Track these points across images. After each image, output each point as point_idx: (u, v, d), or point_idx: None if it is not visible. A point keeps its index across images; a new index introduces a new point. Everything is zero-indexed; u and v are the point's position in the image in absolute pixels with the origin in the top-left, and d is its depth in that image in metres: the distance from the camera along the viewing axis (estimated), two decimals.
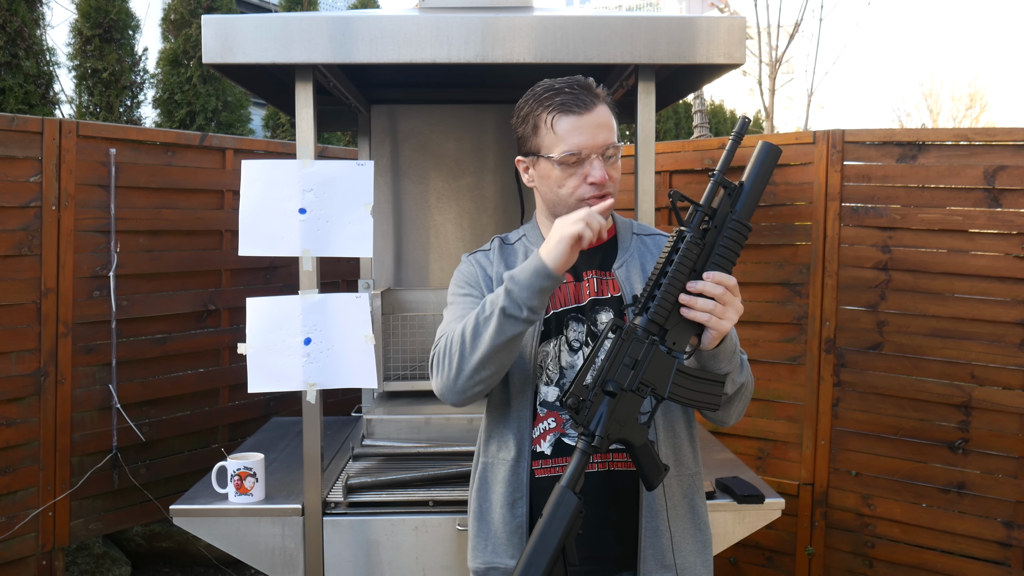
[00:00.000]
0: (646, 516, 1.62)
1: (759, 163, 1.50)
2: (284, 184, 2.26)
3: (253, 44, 2.21)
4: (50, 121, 3.09)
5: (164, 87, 5.17)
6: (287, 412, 3.95)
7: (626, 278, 1.67)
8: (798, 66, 10.87)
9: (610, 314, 1.65)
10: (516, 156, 1.70)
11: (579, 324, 1.66)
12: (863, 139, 3.25)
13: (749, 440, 3.52)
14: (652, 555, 1.61)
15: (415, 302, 3.24)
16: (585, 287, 1.68)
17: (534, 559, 1.40)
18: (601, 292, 1.67)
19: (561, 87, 1.60)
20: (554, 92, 1.60)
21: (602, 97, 1.62)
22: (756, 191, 1.50)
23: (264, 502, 2.38)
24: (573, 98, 1.58)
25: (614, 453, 1.62)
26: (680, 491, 1.65)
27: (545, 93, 1.61)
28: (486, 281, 1.71)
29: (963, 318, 3.07)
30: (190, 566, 3.97)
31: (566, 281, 1.68)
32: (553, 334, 1.65)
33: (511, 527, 1.63)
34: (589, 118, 1.58)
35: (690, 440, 1.71)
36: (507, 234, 1.81)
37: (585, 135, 1.57)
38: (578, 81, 1.62)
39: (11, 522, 3.02)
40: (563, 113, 1.58)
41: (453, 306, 1.71)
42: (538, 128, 1.61)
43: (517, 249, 1.75)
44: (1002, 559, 3.01)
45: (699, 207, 1.46)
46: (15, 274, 3.03)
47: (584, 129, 1.57)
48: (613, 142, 1.60)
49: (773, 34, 8.15)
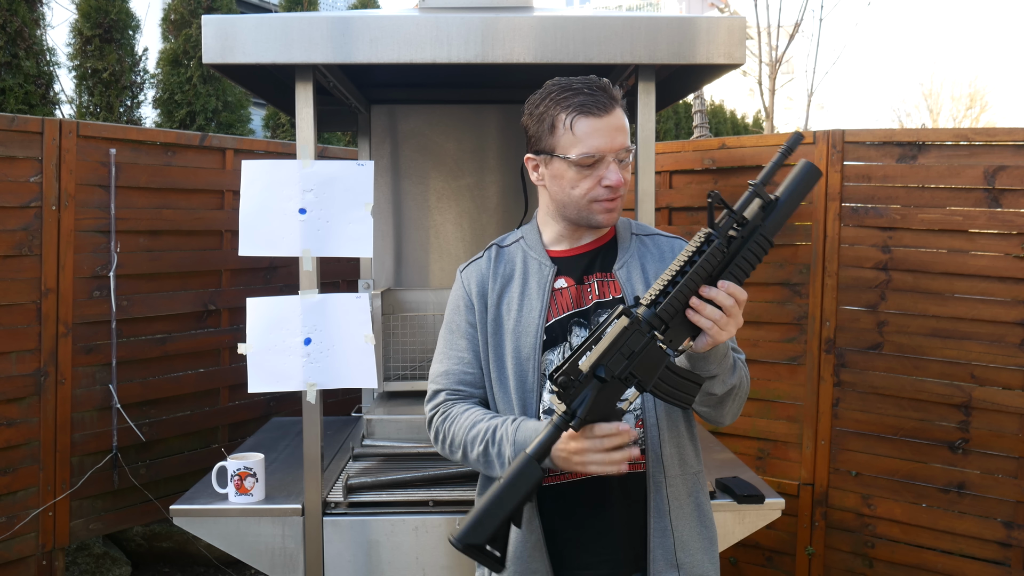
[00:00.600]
0: (654, 516, 1.62)
1: (797, 182, 1.49)
2: (284, 184, 2.26)
3: (253, 44, 2.21)
4: (50, 121, 3.09)
5: (164, 87, 5.17)
6: (287, 412, 3.95)
7: (627, 279, 1.67)
8: (798, 66, 10.87)
9: None
10: (525, 154, 1.69)
11: (583, 329, 1.65)
12: (863, 139, 3.25)
13: (749, 440, 3.52)
14: (661, 555, 1.61)
15: (415, 302, 3.24)
16: (587, 291, 1.67)
17: (484, 520, 1.43)
18: (603, 295, 1.66)
19: (580, 87, 1.58)
20: (573, 92, 1.58)
21: (618, 99, 1.61)
22: (789, 209, 1.49)
23: (264, 502, 2.38)
24: (593, 99, 1.56)
25: None
26: (685, 490, 1.66)
27: (564, 93, 1.59)
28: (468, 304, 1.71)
29: (963, 318, 3.07)
30: (190, 566, 3.97)
31: (567, 286, 1.67)
32: (557, 341, 1.64)
33: (531, 543, 1.62)
34: (608, 120, 1.57)
35: (691, 439, 1.71)
36: (504, 236, 1.80)
37: (604, 138, 1.56)
38: (596, 82, 1.60)
39: (11, 522, 3.02)
40: (583, 114, 1.56)
41: (442, 338, 1.76)
42: (555, 128, 1.59)
43: (513, 252, 1.74)
44: (1002, 559, 3.01)
45: (733, 213, 1.46)
46: (15, 274, 3.03)
47: (603, 132, 1.56)
48: (628, 145, 1.60)
49: (773, 34, 8.15)
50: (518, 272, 1.70)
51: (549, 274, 1.67)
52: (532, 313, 1.65)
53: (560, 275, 1.68)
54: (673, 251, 1.73)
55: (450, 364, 1.71)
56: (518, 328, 1.65)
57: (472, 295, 1.71)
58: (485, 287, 1.71)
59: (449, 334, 1.74)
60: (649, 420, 1.62)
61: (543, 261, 1.69)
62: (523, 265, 1.70)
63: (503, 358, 1.65)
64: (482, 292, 1.70)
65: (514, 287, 1.69)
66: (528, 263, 1.70)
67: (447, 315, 1.76)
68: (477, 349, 1.70)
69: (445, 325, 1.76)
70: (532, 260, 1.70)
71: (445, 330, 1.76)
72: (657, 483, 1.62)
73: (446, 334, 1.75)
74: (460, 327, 1.72)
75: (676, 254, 1.71)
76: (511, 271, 1.71)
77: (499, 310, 1.68)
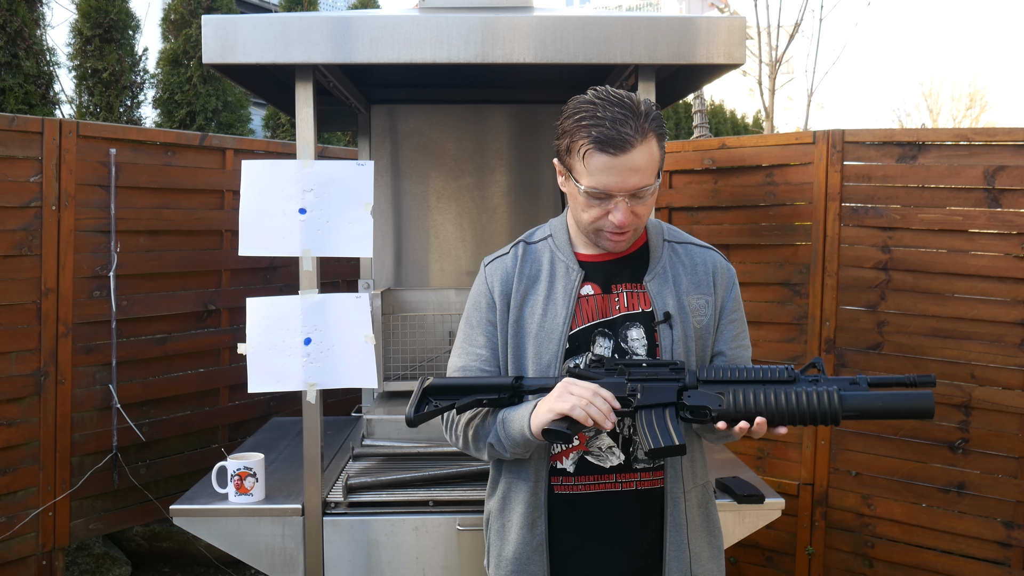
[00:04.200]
0: (671, 531, 1.62)
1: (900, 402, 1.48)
2: (284, 184, 2.26)
3: (253, 44, 2.21)
4: (50, 121, 3.09)
5: (164, 87, 5.16)
6: (287, 412, 3.95)
7: (657, 292, 1.62)
8: (798, 66, 10.85)
9: (640, 330, 1.60)
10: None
11: (606, 340, 1.61)
12: (863, 139, 3.24)
13: (749, 440, 3.52)
14: (676, 567, 1.62)
15: (415, 302, 3.24)
16: (615, 300, 1.62)
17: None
18: (632, 307, 1.62)
19: (604, 119, 1.46)
20: (596, 122, 1.47)
21: (648, 131, 1.49)
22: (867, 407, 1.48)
23: (264, 502, 2.38)
24: (612, 135, 1.46)
25: (641, 472, 1.62)
26: (696, 501, 1.67)
27: (585, 118, 1.49)
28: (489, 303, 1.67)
29: (963, 318, 3.07)
30: (190, 566, 3.97)
31: (593, 293, 1.63)
32: (580, 350, 1.61)
33: (531, 546, 1.63)
34: (624, 160, 1.47)
35: (700, 450, 1.72)
36: (532, 231, 1.74)
37: (615, 177, 1.48)
38: (624, 110, 1.48)
39: (11, 522, 3.02)
40: (596, 150, 1.47)
41: (461, 331, 1.73)
42: (572, 152, 1.52)
43: (540, 250, 1.69)
44: (1002, 559, 3.01)
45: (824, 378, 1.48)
46: (15, 274, 3.03)
47: (615, 171, 1.48)
48: (646, 184, 1.50)
49: (773, 34, 8.13)
50: (544, 274, 1.65)
51: (576, 279, 1.62)
52: (556, 320, 1.60)
53: (587, 281, 1.63)
54: (706, 264, 1.67)
55: (468, 360, 1.68)
56: (540, 333, 1.61)
57: (495, 293, 1.66)
58: (509, 287, 1.66)
59: (469, 328, 1.70)
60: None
61: (571, 265, 1.64)
62: (550, 267, 1.65)
63: (523, 361, 1.62)
64: (505, 292, 1.66)
65: (539, 290, 1.64)
66: (555, 265, 1.65)
67: (468, 307, 1.72)
68: (495, 347, 1.66)
69: (465, 318, 1.72)
70: (560, 263, 1.65)
71: (465, 324, 1.72)
72: (675, 498, 1.62)
73: (466, 328, 1.71)
74: (480, 323, 1.68)
75: (709, 268, 1.67)
76: (537, 271, 1.66)
77: (522, 312, 1.64)
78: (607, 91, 1.52)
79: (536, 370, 1.60)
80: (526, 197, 3.38)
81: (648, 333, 1.60)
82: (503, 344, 1.65)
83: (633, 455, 1.61)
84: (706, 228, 3.56)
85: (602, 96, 1.51)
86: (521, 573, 1.63)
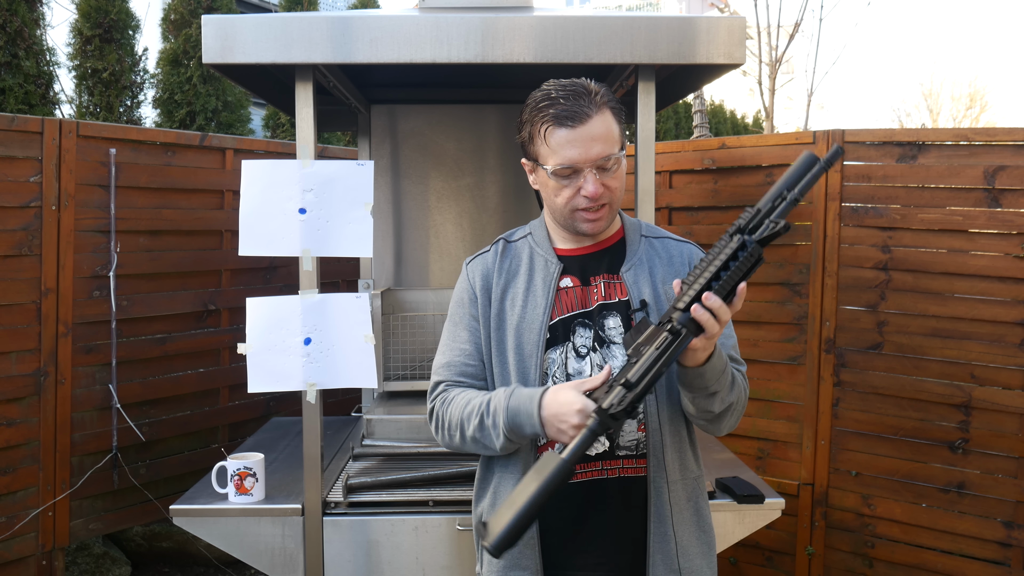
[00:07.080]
0: (654, 522, 1.62)
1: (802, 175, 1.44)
2: (284, 184, 2.26)
3: (253, 44, 2.21)
4: (50, 121, 3.09)
5: (164, 87, 5.16)
6: (287, 412, 3.95)
7: (634, 282, 1.65)
8: (798, 66, 10.85)
9: (617, 319, 1.63)
10: (520, 157, 1.69)
11: (586, 330, 1.64)
12: (863, 139, 3.24)
13: (749, 440, 3.52)
14: (661, 560, 1.61)
15: (415, 302, 3.24)
16: (593, 291, 1.66)
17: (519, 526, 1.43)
18: (609, 296, 1.65)
19: (556, 96, 1.55)
20: (549, 102, 1.55)
21: (602, 103, 1.55)
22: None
23: (264, 502, 2.38)
24: (567, 109, 1.53)
25: (624, 459, 1.62)
26: (685, 495, 1.65)
27: (541, 102, 1.56)
28: (471, 298, 1.70)
29: (963, 318, 3.07)
30: (190, 566, 3.97)
31: (572, 285, 1.66)
32: (560, 340, 1.64)
33: (523, 539, 1.62)
34: (583, 131, 1.53)
35: (692, 444, 1.71)
36: (512, 231, 1.79)
37: (578, 148, 1.53)
38: (576, 89, 1.56)
39: (11, 522, 3.02)
40: (556, 125, 1.54)
41: (446, 330, 1.75)
42: (534, 138, 1.58)
43: (520, 247, 1.73)
44: (1002, 559, 3.01)
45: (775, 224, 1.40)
46: (15, 274, 3.03)
47: (577, 142, 1.53)
48: (609, 153, 1.55)
49: (773, 34, 8.14)
50: (524, 268, 1.69)
51: (555, 272, 1.66)
52: (536, 310, 1.64)
53: (566, 274, 1.67)
54: (683, 256, 1.70)
55: (452, 356, 1.71)
56: (521, 324, 1.64)
57: (476, 288, 1.70)
58: (489, 281, 1.70)
59: (452, 327, 1.74)
60: (652, 424, 1.62)
61: (549, 258, 1.68)
62: (529, 261, 1.70)
63: (505, 353, 1.65)
64: (486, 286, 1.70)
65: (519, 283, 1.68)
66: (535, 260, 1.69)
67: (451, 306, 1.76)
68: (479, 342, 1.69)
69: (449, 318, 1.76)
70: (539, 257, 1.69)
71: (449, 323, 1.75)
72: (658, 488, 1.61)
73: (450, 326, 1.75)
74: (463, 320, 1.71)
75: (686, 259, 1.69)
76: (517, 266, 1.70)
77: (503, 305, 1.67)
78: (558, 80, 1.61)
79: (517, 361, 1.63)
80: (526, 197, 3.38)
81: (625, 321, 1.63)
82: (485, 338, 1.68)
83: (616, 442, 1.62)
84: (706, 228, 3.57)
85: (553, 84, 1.60)
86: (514, 568, 1.63)
